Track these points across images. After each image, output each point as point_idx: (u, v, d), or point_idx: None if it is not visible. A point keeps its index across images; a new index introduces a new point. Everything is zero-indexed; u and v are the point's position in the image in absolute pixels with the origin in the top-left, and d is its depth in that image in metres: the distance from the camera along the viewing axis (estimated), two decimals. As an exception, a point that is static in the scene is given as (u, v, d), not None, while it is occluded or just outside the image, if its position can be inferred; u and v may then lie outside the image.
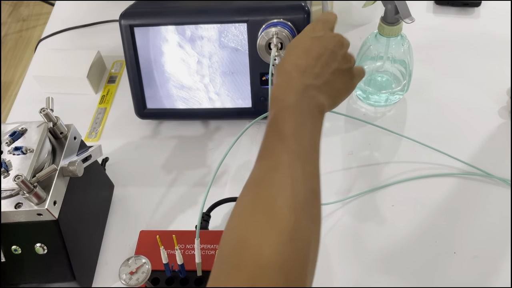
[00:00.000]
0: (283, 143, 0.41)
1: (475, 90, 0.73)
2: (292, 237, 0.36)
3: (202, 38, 0.66)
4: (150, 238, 0.58)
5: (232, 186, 0.67)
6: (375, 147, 0.69)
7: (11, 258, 0.54)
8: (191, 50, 0.67)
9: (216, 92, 0.69)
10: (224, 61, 0.67)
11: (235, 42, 0.66)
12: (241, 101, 0.69)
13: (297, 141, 0.41)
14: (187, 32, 0.66)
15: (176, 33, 0.67)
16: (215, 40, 0.66)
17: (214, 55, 0.67)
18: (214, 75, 0.68)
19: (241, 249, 0.36)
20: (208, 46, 0.67)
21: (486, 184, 0.63)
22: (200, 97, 0.70)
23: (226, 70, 0.68)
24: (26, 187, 0.48)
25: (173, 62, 0.68)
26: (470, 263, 0.57)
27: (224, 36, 0.66)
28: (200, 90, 0.70)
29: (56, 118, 0.55)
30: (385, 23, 0.63)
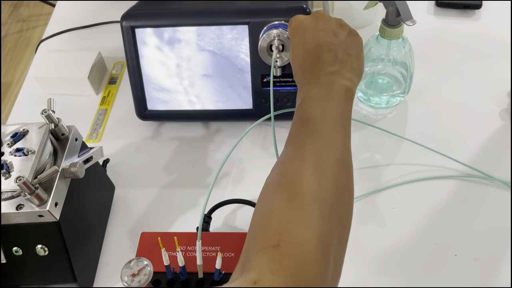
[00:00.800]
0: (306, 128, 0.44)
1: (476, 92, 0.73)
2: (316, 198, 0.38)
3: (180, 41, 0.66)
4: (151, 240, 0.58)
5: (233, 188, 0.67)
6: (376, 149, 0.69)
7: (12, 259, 0.54)
8: (170, 52, 0.68)
9: (196, 94, 0.70)
10: (202, 64, 0.68)
11: (212, 46, 0.66)
12: (220, 104, 0.70)
13: (321, 125, 0.44)
14: (165, 35, 0.66)
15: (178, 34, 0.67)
16: (194, 43, 0.66)
17: (192, 58, 0.67)
18: (193, 78, 0.69)
19: (268, 214, 0.38)
20: (187, 49, 0.67)
21: (487, 187, 0.64)
22: (180, 99, 0.70)
23: (205, 72, 0.68)
24: (27, 189, 0.48)
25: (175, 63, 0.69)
26: (471, 265, 0.57)
27: (201, 40, 0.66)
28: (180, 93, 0.70)
29: (57, 119, 0.55)
30: (386, 25, 0.63)
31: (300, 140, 0.43)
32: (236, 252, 0.56)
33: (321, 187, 0.39)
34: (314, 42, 0.50)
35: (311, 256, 0.35)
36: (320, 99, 0.46)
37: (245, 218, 0.64)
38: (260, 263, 0.35)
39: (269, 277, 0.34)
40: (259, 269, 0.34)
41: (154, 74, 0.69)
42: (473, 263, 0.57)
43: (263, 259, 0.35)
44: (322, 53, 0.49)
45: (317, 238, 0.36)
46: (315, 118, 0.44)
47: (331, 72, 0.48)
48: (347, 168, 0.43)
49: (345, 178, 0.42)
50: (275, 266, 0.34)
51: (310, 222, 0.36)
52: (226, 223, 0.63)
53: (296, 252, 0.35)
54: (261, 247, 0.36)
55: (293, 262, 0.34)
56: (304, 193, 0.38)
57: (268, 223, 0.37)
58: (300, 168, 0.40)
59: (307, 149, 0.42)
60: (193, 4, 0.71)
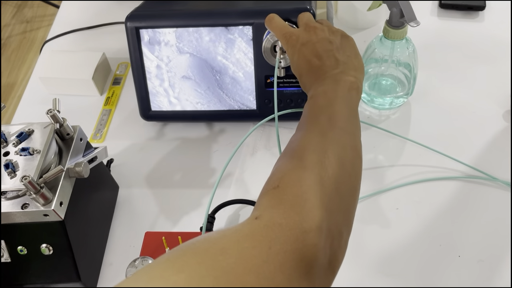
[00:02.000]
0: (316, 120, 0.45)
1: (479, 93, 0.73)
2: (322, 175, 0.39)
3: (160, 42, 0.67)
4: (155, 239, 0.58)
5: (237, 188, 0.67)
6: (379, 150, 0.69)
7: (17, 258, 0.54)
8: (150, 54, 0.68)
9: (176, 96, 0.70)
10: (182, 65, 0.68)
11: (191, 48, 0.66)
12: (223, 104, 0.70)
13: (330, 116, 0.45)
14: (169, 36, 0.66)
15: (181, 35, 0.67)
16: (173, 45, 0.67)
17: (173, 59, 0.68)
18: (173, 80, 0.69)
19: (279, 180, 0.39)
20: (166, 50, 0.67)
21: (491, 188, 0.64)
22: (161, 101, 0.71)
23: (185, 74, 0.69)
24: (33, 188, 0.48)
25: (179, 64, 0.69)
26: (475, 266, 0.57)
27: (179, 42, 0.66)
28: (161, 94, 0.71)
29: (63, 119, 0.55)
30: (390, 27, 0.64)
31: (309, 124, 0.45)
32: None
33: (329, 149, 0.41)
34: (314, 54, 0.52)
35: (309, 189, 0.37)
36: (328, 93, 0.48)
37: (248, 219, 0.64)
38: (262, 203, 0.37)
39: (270, 211, 0.36)
40: (261, 208, 0.37)
41: (158, 75, 0.70)
42: (476, 264, 0.57)
43: (265, 199, 0.38)
44: (324, 61, 0.51)
45: (315, 177, 0.38)
46: (342, 119, 0.46)
47: (335, 73, 0.50)
48: (356, 151, 0.45)
49: (357, 166, 0.44)
50: (275, 202, 0.36)
51: (310, 167, 0.39)
52: (230, 223, 0.64)
53: (295, 188, 0.37)
54: (264, 192, 0.39)
55: (292, 195, 0.37)
56: (311, 160, 0.40)
57: (273, 174, 0.40)
58: (308, 141, 0.42)
59: (317, 134, 0.43)
60: (198, 5, 0.71)
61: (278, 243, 0.33)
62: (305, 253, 0.33)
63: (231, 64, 0.68)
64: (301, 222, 0.34)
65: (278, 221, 0.34)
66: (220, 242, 0.32)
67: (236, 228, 0.34)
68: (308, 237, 0.34)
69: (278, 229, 0.34)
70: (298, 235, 0.34)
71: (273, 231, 0.33)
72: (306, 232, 0.34)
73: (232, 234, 0.33)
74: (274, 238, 0.33)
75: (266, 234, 0.33)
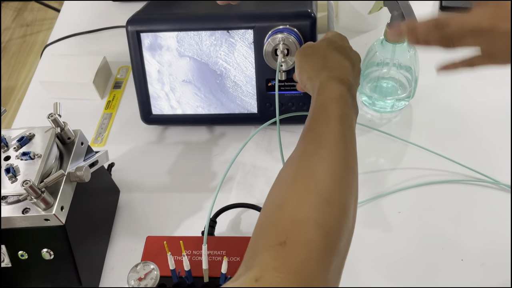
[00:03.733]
0: (329, 125, 0.45)
1: (481, 96, 0.73)
2: (329, 200, 0.38)
3: (161, 46, 0.67)
4: (156, 243, 0.58)
5: (238, 192, 0.67)
6: (380, 153, 0.69)
7: (18, 263, 0.54)
8: (151, 58, 0.68)
9: (177, 100, 0.70)
10: (183, 69, 0.68)
11: (192, 52, 0.67)
12: (224, 108, 0.70)
13: (343, 124, 0.45)
14: (170, 40, 0.66)
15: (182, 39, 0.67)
16: (173, 49, 0.67)
17: (173, 63, 0.68)
18: (174, 83, 0.69)
19: (278, 209, 0.38)
20: (167, 54, 0.67)
21: (493, 191, 0.63)
22: (162, 105, 0.71)
23: (185, 78, 0.69)
24: (34, 192, 0.48)
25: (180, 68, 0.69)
26: (478, 270, 0.57)
27: (180, 45, 0.66)
28: (162, 98, 0.71)
29: (64, 123, 0.55)
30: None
31: (321, 133, 0.44)
32: (241, 256, 0.56)
33: (336, 190, 0.40)
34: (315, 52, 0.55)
35: (316, 256, 0.35)
36: (343, 102, 0.48)
37: (250, 222, 0.64)
38: (265, 260, 0.35)
39: (272, 274, 0.34)
40: (262, 267, 0.35)
41: (159, 78, 0.70)
42: (479, 267, 0.57)
43: (268, 256, 0.35)
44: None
45: (324, 240, 0.36)
46: (339, 120, 0.46)
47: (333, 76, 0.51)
48: (356, 176, 0.44)
49: (355, 187, 0.43)
50: (279, 264, 0.35)
51: (320, 223, 0.37)
52: (231, 227, 0.63)
53: (302, 251, 0.35)
54: (268, 244, 0.36)
55: (298, 260, 0.35)
56: (318, 193, 0.39)
57: (278, 217, 0.38)
58: (318, 166, 0.41)
59: (327, 147, 0.43)
60: (198, 8, 0.71)
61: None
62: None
63: (232, 67, 0.68)
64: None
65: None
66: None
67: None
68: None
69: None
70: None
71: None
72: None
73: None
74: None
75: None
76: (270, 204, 0.41)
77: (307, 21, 0.63)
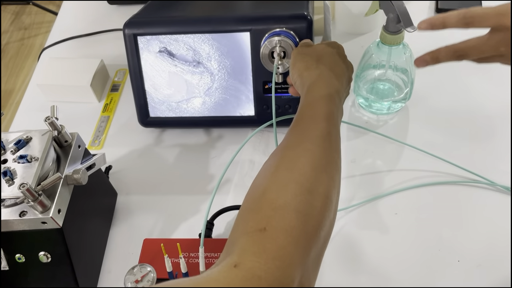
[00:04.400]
0: (315, 121, 0.46)
1: (477, 98, 0.74)
2: (310, 189, 0.39)
3: (158, 49, 0.67)
4: (153, 246, 0.58)
5: (235, 194, 0.67)
6: (377, 155, 0.69)
7: (15, 266, 0.54)
8: (149, 60, 0.68)
9: (174, 102, 0.71)
10: (180, 72, 0.68)
11: (189, 54, 0.67)
12: (222, 110, 0.70)
13: (329, 122, 0.46)
14: (167, 42, 0.67)
15: (178, 42, 0.67)
16: (171, 51, 0.67)
17: (171, 66, 0.68)
18: (172, 86, 0.70)
19: (260, 196, 0.39)
20: (164, 57, 0.68)
21: (490, 192, 0.64)
22: (181, 106, 0.71)
23: (206, 79, 0.69)
24: (31, 195, 0.48)
25: (166, 71, 0.69)
26: (474, 271, 0.57)
27: (178, 48, 0.67)
28: (159, 101, 0.71)
29: (61, 126, 0.55)
30: (387, 32, 0.64)
31: (303, 125, 0.46)
32: (238, 259, 0.56)
33: (317, 180, 0.40)
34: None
35: (295, 242, 0.36)
36: (329, 102, 0.49)
37: (247, 225, 0.64)
38: (244, 246, 0.36)
39: (251, 259, 0.34)
40: (241, 252, 0.35)
41: (156, 81, 0.70)
42: (476, 269, 0.57)
43: (248, 242, 0.36)
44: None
45: (303, 227, 0.37)
46: (326, 118, 0.47)
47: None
48: (339, 170, 0.45)
49: (337, 178, 0.43)
50: (258, 249, 0.35)
51: (301, 211, 0.37)
52: (229, 230, 0.63)
53: (281, 237, 0.36)
54: (248, 230, 0.37)
55: (277, 245, 0.35)
56: (299, 182, 0.39)
57: (259, 205, 0.38)
58: (300, 156, 0.42)
59: (311, 140, 0.43)
60: (195, 11, 0.71)
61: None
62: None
63: (229, 70, 0.68)
64: (280, 279, 0.34)
65: (258, 273, 0.33)
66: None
67: (211, 277, 0.33)
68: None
69: (256, 282, 0.33)
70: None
71: (251, 284, 0.33)
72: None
73: (208, 283, 0.33)
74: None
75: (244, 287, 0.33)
76: (252, 192, 0.41)
77: (304, 24, 0.63)
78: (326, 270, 0.58)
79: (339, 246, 0.60)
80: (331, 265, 0.59)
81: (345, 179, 0.67)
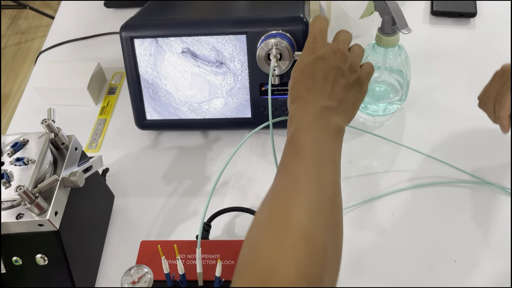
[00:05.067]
0: (300, 157, 0.43)
1: (472, 99, 0.74)
2: (306, 237, 0.37)
3: (155, 51, 0.67)
4: (151, 248, 0.58)
5: (232, 196, 0.67)
6: (374, 156, 0.69)
7: (12, 269, 0.54)
8: (145, 63, 0.68)
9: (194, 103, 0.71)
10: (177, 74, 0.68)
11: (185, 57, 0.67)
12: (218, 112, 0.70)
13: (314, 155, 0.43)
14: (164, 45, 0.67)
15: (177, 44, 0.67)
16: (167, 54, 0.67)
17: (167, 68, 0.68)
18: (168, 88, 0.70)
19: (256, 253, 0.37)
20: (161, 59, 0.68)
21: (485, 192, 0.64)
22: (178, 109, 0.71)
23: (203, 81, 0.69)
24: (27, 198, 0.48)
25: (172, 73, 0.69)
26: (470, 271, 0.57)
27: (174, 50, 0.66)
28: (178, 102, 0.71)
29: (57, 129, 0.55)
30: (382, 34, 0.64)
31: (293, 169, 0.42)
32: (235, 260, 0.56)
33: (312, 226, 0.38)
34: (324, 73, 0.49)
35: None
36: (315, 129, 0.45)
37: (244, 226, 0.64)
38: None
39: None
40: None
41: (153, 84, 0.70)
42: (472, 268, 0.57)
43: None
44: (325, 86, 0.48)
45: (305, 280, 0.35)
46: (310, 148, 0.43)
47: (328, 106, 0.47)
48: (337, 207, 0.42)
49: (335, 217, 0.41)
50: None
51: (300, 263, 0.35)
52: (226, 231, 0.64)
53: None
54: (242, 276, 0.36)
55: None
56: (295, 231, 0.37)
57: (256, 262, 0.36)
58: (292, 203, 0.39)
59: (300, 181, 0.41)
60: (192, 14, 0.72)
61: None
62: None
63: (225, 72, 0.68)
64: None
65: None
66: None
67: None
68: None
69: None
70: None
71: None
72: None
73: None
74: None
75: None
76: (248, 247, 0.39)
77: (300, 26, 0.64)
78: (323, 271, 0.58)
79: (336, 247, 0.60)
80: (328, 266, 0.59)
81: (341, 180, 0.67)
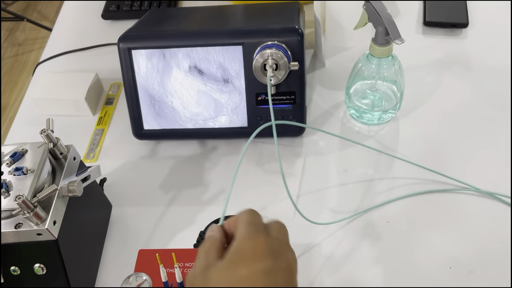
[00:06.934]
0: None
1: (465, 108, 0.75)
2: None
3: (152, 62, 0.68)
4: (149, 257, 0.58)
5: (230, 205, 0.67)
6: (369, 164, 0.70)
7: (10, 279, 0.54)
8: (143, 74, 0.69)
9: (191, 113, 0.71)
10: (174, 84, 0.69)
11: (182, 67, 0.68)
12: (215, 122, 0.71)
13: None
14: (161, 56, 0.68)
15: (173, 56, 0.68)
16: (165, 65, 0.68)
17: (165, 79, 0.69)
18: (166, 99, 0.70)
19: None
20: (158, 70, 0.69)
21: (479, 199, 0.65)
22: (175, 118, 0.72)
23: (200, 91, 0.70)
24: (26, 207, 0.49)
25: (179, 91, 0.70)
26: (466, 278, 0.58)
27: (171, 61, 0.67)
28: (175, 112, 0.71)
29: (56, 139, 0.56)
30: (376, 44, 0.65)
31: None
32: (233, 268, 0.56)
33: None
34: None
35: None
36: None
37: (241, 235, 0.64)
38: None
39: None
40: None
41: (150, 94, 0.71)
42: (467, 275, 0.58)
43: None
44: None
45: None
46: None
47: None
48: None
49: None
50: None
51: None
52: (223, 240, 0.64)
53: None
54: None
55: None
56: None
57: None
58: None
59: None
60: (189, 25, 0.73)
61: None
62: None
63: (222, 82, 0.69)
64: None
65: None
66: None
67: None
68: None
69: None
70: None
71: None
72: None
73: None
74: None
75: None
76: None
77: (295, 37, 0.65)
78: (317, 279, 0.59)
79: (330, 254, 0.61)
80: (322, 274, 0.59)
81: (337, 188, 0.67)
